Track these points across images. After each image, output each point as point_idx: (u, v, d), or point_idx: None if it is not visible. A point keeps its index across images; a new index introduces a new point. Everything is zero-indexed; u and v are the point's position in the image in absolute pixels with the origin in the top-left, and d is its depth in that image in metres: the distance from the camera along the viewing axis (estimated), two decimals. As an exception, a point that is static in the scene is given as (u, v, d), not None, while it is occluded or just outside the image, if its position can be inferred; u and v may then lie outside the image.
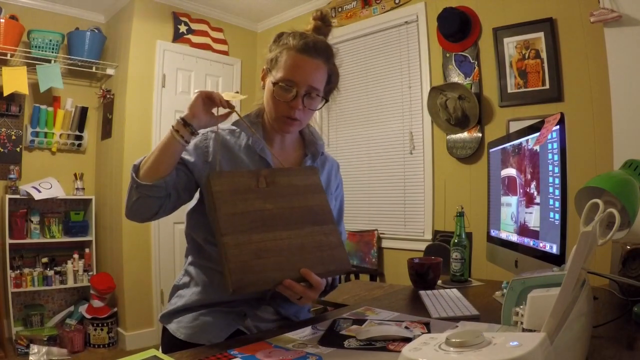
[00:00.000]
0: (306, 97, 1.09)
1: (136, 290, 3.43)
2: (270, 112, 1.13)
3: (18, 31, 3.27)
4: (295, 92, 1.07)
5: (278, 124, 1.13)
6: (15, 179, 3.33)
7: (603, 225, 0.86)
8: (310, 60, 1.08)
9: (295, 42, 1.08)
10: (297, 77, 1.07)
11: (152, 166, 1.05)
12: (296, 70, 1.07)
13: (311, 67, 1.08)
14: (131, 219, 1.11)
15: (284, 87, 1.07)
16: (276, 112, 1.11)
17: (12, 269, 3.22)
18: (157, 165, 1.05)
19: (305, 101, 1.09)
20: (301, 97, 1.08)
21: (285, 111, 1.09)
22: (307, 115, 1.14)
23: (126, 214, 1.10)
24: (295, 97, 1.08)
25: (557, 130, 1.10)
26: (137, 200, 1.06)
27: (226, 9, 3.93)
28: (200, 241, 1.17)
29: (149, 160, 1.05)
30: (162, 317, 1.18)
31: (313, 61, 1.08)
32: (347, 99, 3.56)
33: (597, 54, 2.28)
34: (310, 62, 1.08)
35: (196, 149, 1.15)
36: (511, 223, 1.42)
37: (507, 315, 0.88)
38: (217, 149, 1.14)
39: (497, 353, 0.48)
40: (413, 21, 3.17)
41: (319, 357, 0.84)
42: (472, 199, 2.78)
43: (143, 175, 1.05)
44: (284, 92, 1.08)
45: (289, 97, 1.08)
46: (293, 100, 1.08)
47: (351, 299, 1.93)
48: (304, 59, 1.07)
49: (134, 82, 3.49)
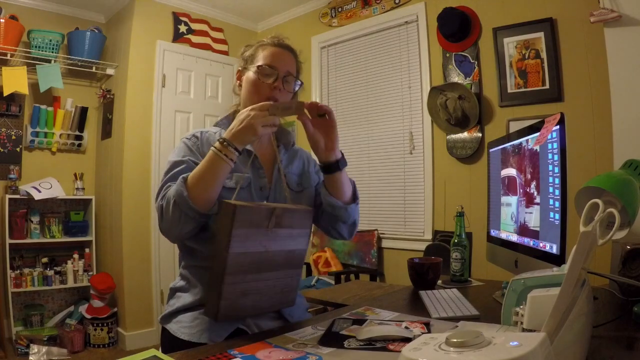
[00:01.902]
0: (285, 80, 1.21)
1: (136, 290, 3.43)
2: (253, 97, 1.20)
3: (18, 31, 3.27)
4: (276, 74, 1.20)
5: None
6: (15, 179, 3.33)
7: (603, 225, 0.86)
8: (285, 52, 1.24)
9: (270, 40, 1.25)
10: (277, 64, 1.21)
11: (208, 197, 1.05)
12: (275, 58, 1.21)
13: (286, 56, 1.24)
14: (173, 239, 1.12)
15: (267, 70, 1.20)
16: (259, 97, 1.18)
17: (12, 269, 3.22)
18: (212, 194, 1.05)
19: (285, 84, 1.21)
20: (281, 79, 1.20)
21: (268, 93, 1.19)
22: (285, 99, 1.23)
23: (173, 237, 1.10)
24: (276, 79, 1.20)
25: (557, 130, 1.10)
26: (185, 224, 1.06)
27: (226, 9, 3.93)
28: (192, 244, 1.18)
29: (204, 192, 1.04)
30: (161, 318, 1.19)
31: (287, 52, 1.25)
32: (347, 99, 3.56)
33: (597, 54, 2.28)
34: (285, 53, 1.24)
35: (189, 148, 1.19)
36: (511, 223, 1.42)
37: (507, 315, 0.88)
38: (206, 148, 1.17)
39: (497, 353, 0.48)
40: (413, 21, 3.17)
41: (319, 357, 0.84)
42: (472, 199, 2.78)
43: (195, 201, 1.03)
44: (267, 75, 1.20)
45: (271, 79, 1.20)
46: (275, 81, 1.19)
47: (351, 299, 1.93)
48: (280, 50, 1.23)
49: (134, 82, 3.49)
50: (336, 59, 3.67)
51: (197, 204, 1.03)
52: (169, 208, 1.05)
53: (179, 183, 1.05)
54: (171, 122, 3.68)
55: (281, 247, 1.10)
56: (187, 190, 1.03)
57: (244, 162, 1.19)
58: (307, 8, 3.82)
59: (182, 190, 1.03)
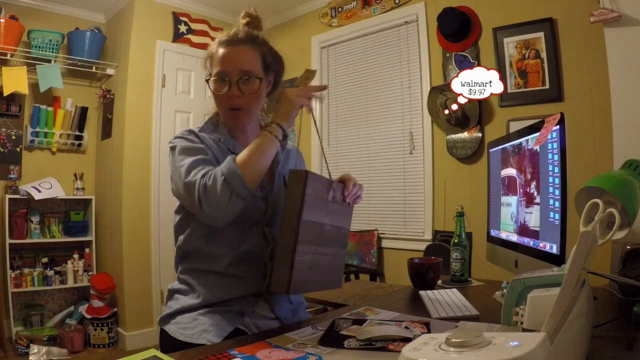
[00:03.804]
0: (241, 83, 1.12)
1: (136, 290, 3.43)
2: (218, 109, 1.18)
3: (18, 31, 3.27)
4: (228, 81, 1.12)
5: (227, 120, 1.19)
6: (15, 179, 3.33)
7: (603, 225, 0.86)
8: (235, 49, 1.13)
9: (221, 39, 1.16)
10: (227, 66, 1.12)
11: (259, 174, 1.06)
12: (224, 60, 1.12)
13: (237, 53, 1.13)
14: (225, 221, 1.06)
15: (218, 79, 1.13)
16: (221, 107, 1.17)
17: (12, 269, 3.22)
18: (261, 172, 1.07)
19: (242, 86, 1.13)
20: (235, 84, 1.12)
21: (227, 103, 1.14)
22: (252, 101, 1.16)
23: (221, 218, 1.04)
24: (230, 86, 1.12)
25: (557, 130, 1.10)
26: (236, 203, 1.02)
27: (226, 9, 3.93)
28: (189, 249, 1.18)
29: (255, 168, 1.04)
30: (160, 320, 1.19)
31: (238, 48, 1.14)
32: (347, 99, 3.56)
33: (597, 54, 2.28)
34: (235, 50, 1.13)
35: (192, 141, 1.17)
36: (511, 223, 1.42)
37: (507, 315, 0.88)
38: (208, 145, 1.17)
39: (497, 353, 0.48)
40: (413, 21, 3.17)
41: (319, 357, 0.83)
42: (472, 199, 2.78)
43: (248, 179, 1.02)
44: (219, 85, 1.13)
45: (224, 88, 1.12)
46: (229, 90, 1.12)
47: (351, 299, 1.93)
48: (229, 49, 1.13)
49: (134, 82, 3.49)
50: (336, 59, 3.66)
51: (249, 182, 1.02)
52: (215, 187, 1.00)
53: (228, 162, 1.03)
54: (171, 122, 3.68)
55: (334, 222, 1.11)
56: (240, 168, 1.02)
57: None
58: (307, 8, 3.82)
59: (235, 168, 1.01)
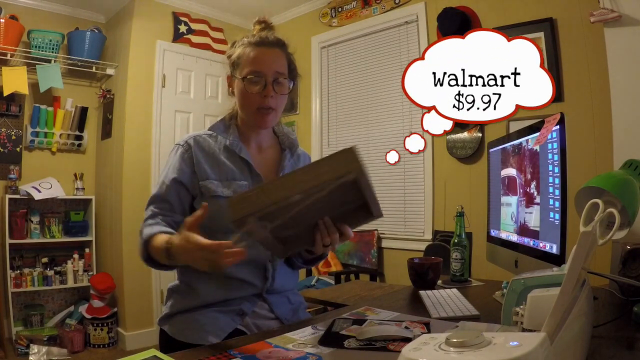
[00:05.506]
0: (275, 84, 1.15)
1: (136, 290, 3.42)
2: (245, 108, 1.17)
3: (18, 31, 3.27)
4: (264, 81, 1.14)
5: (255, 118, 1.17)
6: (15, 179, 3.33)
7: (603, 225, 0.86)
8: (269, 50, 1.17)
9: (252, 40, 1.18)
10: (263, 67, 1.14)
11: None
12: (259, 61, 1.14)
13: (272, 55, 1.16)
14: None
15: (253, 79, 1.14)
16: (251, 106, 1.16)
17: (12, 269, 3.22)
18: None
19: (276, 87, 1.15)
20: (271, 84, 1.14)
21: (259, 102, 1.14)
22: (280, 103, 1.18)
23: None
24: (265, 85, 1.14)
25: (557, 130, 1.10)
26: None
27: (226, 9, 3.92)
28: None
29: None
30: (160, 320, 1.19)
31: (272, 50, 1.17)
32: (347, 99, 3.56)
33: (597, 54, 2.28)
34: (269, 52, 1.16)
35: (183, 160, 1.17)
36: (511, 223, 1.42)
37: (507, 315, 0.88)
38: (200, 156, 1.17)
39: (497, 353, 0.48)
40: (413, 21, 3.16)
41: (319, 357, 0.84)
42: (472, 199, 2.78)
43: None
44: (254, 84, 1.14)
45: (259, 87, 1.14)
46: (264, 89, 1.13)
47: (351, 299, 1.93)
48: (263, 51, 1.16)
49: (134, 82, 3.49)
50: (336, 59, 3.66)
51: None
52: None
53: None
54: (171, 122, 3.68)
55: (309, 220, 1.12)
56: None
57: (241, 170, 1.17)
58: (307, 8, 3.82)
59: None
